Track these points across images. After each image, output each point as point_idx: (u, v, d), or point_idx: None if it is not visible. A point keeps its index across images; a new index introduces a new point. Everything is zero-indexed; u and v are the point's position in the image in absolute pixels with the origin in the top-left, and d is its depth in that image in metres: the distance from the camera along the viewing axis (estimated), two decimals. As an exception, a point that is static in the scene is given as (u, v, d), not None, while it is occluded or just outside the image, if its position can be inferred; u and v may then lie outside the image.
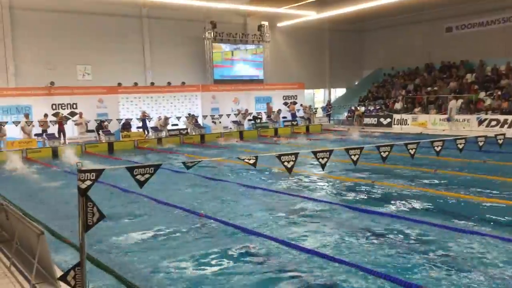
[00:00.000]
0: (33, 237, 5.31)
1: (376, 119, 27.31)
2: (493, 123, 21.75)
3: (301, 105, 29.06)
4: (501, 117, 21.71)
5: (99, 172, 3.60)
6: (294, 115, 28.32)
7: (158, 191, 10.79)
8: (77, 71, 24.89)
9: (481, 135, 6.42)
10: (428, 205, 8.78)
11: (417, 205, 8.85)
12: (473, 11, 28.81)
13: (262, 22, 30.27)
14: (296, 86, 30.78)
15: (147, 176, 3.87)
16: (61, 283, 4.52)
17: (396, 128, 25.32)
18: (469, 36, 29.44)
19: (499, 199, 8.87)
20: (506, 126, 20.92)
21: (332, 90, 36.65)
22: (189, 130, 24.09)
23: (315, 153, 5.10)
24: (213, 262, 6.27)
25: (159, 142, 22.42)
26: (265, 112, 27.85)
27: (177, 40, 27.60)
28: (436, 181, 10.97)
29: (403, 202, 9.10)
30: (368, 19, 34.04)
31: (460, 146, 6.01)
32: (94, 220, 3.61)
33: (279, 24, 31.81)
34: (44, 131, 21.06)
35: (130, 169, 3.84)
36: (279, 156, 4.80)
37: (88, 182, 3.58)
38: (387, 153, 5.44)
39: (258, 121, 26.79)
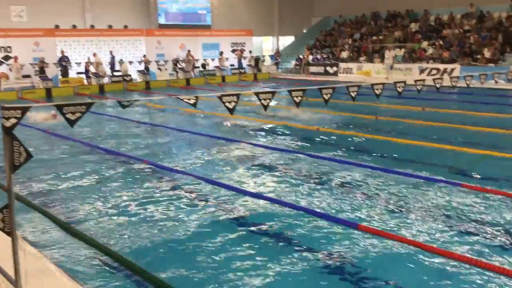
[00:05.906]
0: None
1: (323, 67, 27.46)
2: (434, 72, 22.42)
3: (250, 51, 28.74)
4: (442, 66, 22.39)
5: (25, 109, 3.36)
6: (240, 62, 28.01)
7: (99, 138, 10.62)
8: (11, 12, 23.15)
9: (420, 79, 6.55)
10: (370, 150, 9.04)
11: (359, 150, 9.11)
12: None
13: (209, -36, 29.17)
14: (244, 33, 30.23)
15: (78, 114, 3.65)
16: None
17: (342, 77, 25.62)
18: (415, -15, 29.65)
19: (439, 144, 9.24)
20: (446, 75, 21.59)
21: (281, 38, 36.25)
22: (133, 76, 23.33)
23: (257, 94, 5.03)
24: (154, 205, 6.19)
25: (101, 89, 21.61)
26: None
27: (118, -20, 26.10)
28: (377, 127, 11.29)
29: (345, 147, 9.32)
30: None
31: (400, 90, 6.12)
32: (21, 160, 3.39)
33: (227, -33, 30.78)
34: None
35: (59, 107, 3.61)
36: (220, 97, 4.68)
37: (13, 120, 3.33)
38: (329, 95, 5.44)
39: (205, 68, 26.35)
